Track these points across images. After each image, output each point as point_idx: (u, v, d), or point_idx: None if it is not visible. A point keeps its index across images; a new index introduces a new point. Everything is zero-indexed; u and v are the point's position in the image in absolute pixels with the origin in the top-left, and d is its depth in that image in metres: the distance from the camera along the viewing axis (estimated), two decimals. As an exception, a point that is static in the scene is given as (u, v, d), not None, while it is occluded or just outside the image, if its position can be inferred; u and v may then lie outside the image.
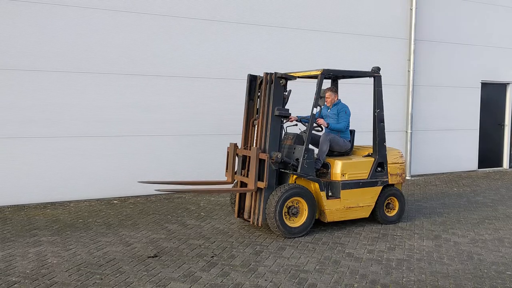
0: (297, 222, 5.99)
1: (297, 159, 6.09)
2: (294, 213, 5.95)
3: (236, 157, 6.55)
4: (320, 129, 6.82)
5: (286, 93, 6.17)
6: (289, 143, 6.38)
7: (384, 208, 6.70)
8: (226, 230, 6.28)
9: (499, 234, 6.29)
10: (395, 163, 6.75)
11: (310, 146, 6.36)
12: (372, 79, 6.69)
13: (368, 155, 6.67)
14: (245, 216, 6.26)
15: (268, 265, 4.99)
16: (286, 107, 6.16)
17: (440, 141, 11.35)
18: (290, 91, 6.22)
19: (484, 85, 11.92)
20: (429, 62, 11.01)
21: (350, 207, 6.36)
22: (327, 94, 6.81)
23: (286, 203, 5.87)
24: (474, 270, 4.94)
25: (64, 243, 5.61)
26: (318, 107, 6.89)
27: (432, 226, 6.64)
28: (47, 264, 4.90)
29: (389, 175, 6.66)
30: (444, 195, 8.86)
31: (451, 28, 11.22)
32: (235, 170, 6.48)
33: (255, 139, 6.17)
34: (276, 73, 6.05)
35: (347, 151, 6.77)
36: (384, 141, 6.65)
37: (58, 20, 7.58)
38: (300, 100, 8.58)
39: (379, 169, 6.60)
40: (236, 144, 6.44)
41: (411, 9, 10.58)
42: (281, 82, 6.06)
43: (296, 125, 7.17)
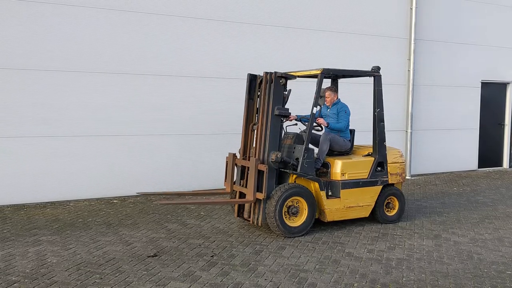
0: (297, 222, 5.99)
1: (297, 159, 6.09)
2: (294, 213, 5.95)
3: (235, 167, 6.54)
4: (320, 129, 6.81)
5: (286, 93, 6.16)
6: (289, 143, 6.37)
7: (384, 208, 6.70)
8: (226, 230, 6.28)
9: (499, 234, 6.29)
10: (395, 163, 6.74)
11: (310, 146, 6.36)
12: (372, 79, 6.69)
13: (368, 155, 6.67)
14: (245, 216, 6.25)
15: (268, 265, 4.99)
16: (286, 107, 6.16)
17: (440, 141, 11.34)
18: (290, 91, 6.22)
19: (484, 85, 11.92)
20: (429, 62, 11.00)
21: (350, 207, 6.36)
22: (327, 94, 6.81)
23: (286, 203, 5.87)
24: (474, 270, 4.94)
25: (64, 243, 5.61)
26: (318, 107, 6.88)
27: (432, 226, 6.64)
28: (47, 264, 4.90)
29: (389, 175, 6.65)
30: (444, 195, 8.86)
31: (451, 28, 11.21)
32: (234, 180, 6.48)
33: (255, 142, 6.16)
34: (276, 73, 6.04)
35: (347, 151, 6.76)
36: (384, 141, 6.65)
37: (64, 20, 7.57)
38: (300, 100, 8.57)
39: (379, 169, 6.59)
40: (235, 154, 6.44)
41: (411, 9, 10.58)
42: (281, 82, 6.05)
43: (296, 125, 7.17)
